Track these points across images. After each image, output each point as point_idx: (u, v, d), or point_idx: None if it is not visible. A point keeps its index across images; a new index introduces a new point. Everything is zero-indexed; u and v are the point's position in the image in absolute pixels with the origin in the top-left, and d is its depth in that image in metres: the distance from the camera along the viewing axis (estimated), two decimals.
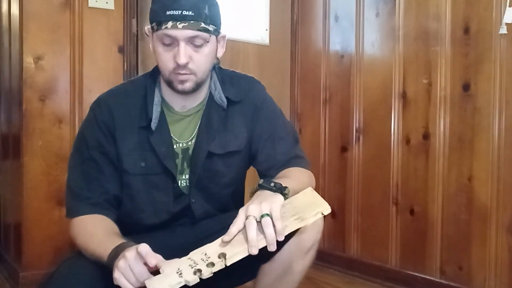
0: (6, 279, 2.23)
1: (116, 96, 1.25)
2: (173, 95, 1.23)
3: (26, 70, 2.05)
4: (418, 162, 2.22)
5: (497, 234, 1.93)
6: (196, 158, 1.23)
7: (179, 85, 1.16)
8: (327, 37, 2.69)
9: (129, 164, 1.20)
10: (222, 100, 1.26)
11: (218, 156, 1.24)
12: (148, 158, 1.20)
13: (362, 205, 2.49)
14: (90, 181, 1.18)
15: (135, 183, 1.21)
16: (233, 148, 1.26)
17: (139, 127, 1.20)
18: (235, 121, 1.28)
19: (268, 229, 0.92)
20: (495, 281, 1.94)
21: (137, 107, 1.22)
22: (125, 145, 1.20)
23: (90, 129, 1.22)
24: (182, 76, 1.14)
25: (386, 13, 2.36)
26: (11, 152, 2.30)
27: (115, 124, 1.20)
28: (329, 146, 2.67)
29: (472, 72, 2.01)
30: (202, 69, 1.17)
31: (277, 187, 1.03)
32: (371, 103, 2.45)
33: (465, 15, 2.03)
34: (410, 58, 2.25)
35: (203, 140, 1.23)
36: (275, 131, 1.30)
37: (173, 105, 1.24)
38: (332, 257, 2.54)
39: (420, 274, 2.19)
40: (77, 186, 1.19)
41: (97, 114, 1.21)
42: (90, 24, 2.18)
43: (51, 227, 2.10)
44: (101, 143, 1.19)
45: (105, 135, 1.20)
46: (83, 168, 1.20)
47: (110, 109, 1.21)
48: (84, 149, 1.21)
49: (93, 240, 1.08)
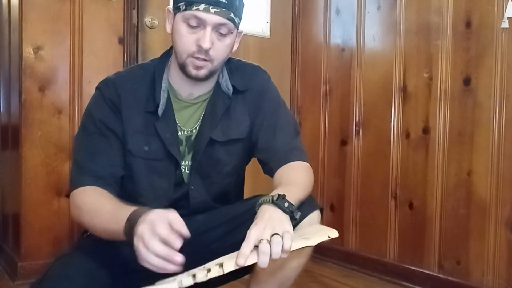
0: (5, 269, 2.24)
1: (124, 78, 1.24)
2: (182, 82, 1.23)
3: (25, 60, 2.04)
4: (417, 156, 2.22)
5: (496, 228, 1.94)
6: (198, 144, 1.22)
7: (193, 70, 1.15)
8: (328, 30, 2.68)
9: (133, 145, 1.18)
10: (228, 88, 1.26)
11: (220, 144, 1.23)
12: (152, 143, 1.19)
13: (361, 198, 2.49)
14: (96, 154, 1.16)
15: (137, 165, 1.20)
16: (235, 135, 1.25)
17: (145, 112, 1.19)
18: (238, 109, 1.27)
19: (276, 247, 0.90)
20: (493, 275, 1.94)
21: (144, 91, 1.21)
22: (131, 126, 1.19)
23: (97, 105, 1.20)
24: (199, 62, 1.14)
25: (388, 7, 2.35)
26: (10, 143, 2.30)
27: (122, 104, 1.19)
28: (328, 139, 2.67)
29: (473, 67, 2.00)
30: (220, 59, 1.17)
31: (290, 210, 1.01)
32: (371, 97, 2.44)
33: (467, 9, 2.02)
34: (411, 52, 2.25)
35: (206, 127, 1.23)
36: (277, 120, 1.29)
37: (180, 92, 1.24)
38: (330, 251, 2.54)
39: (418, 268, 2.19)
40: (82, 159, 1.17)
41: (104, 92, 1.20)
42: (90, 14, 2.17)
43: (50, 217, 2.11)
44: (108, 119, 1.18)
45: (113, 111, 1.18)
46: (90, 142, 1.18)
47: (117, 89, 1.20)
48: (91, 124, 1.19)
49: (101, 212, 1.05)
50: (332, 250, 2.55)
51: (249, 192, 1.36)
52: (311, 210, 1.13)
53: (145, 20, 2.29)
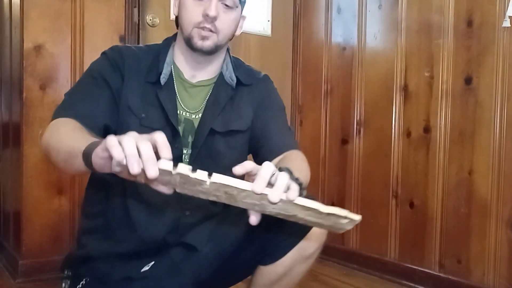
0: (6, 267, 2.24)
1: (130, 48, 1.24)
2: (186, 62, 1.23)
3: (26, 58, 2.04)
4: (418, 156, 2.21)
5: (497, 228, 1.93)
6: (199, 133, 1.21)
7: (199, 41, 1.16)
8: (329, 29, 2.68)
9: (132, 103, 1.16)
10: (232, 79, 1.26)
11: (220, 135, 1.22)
12: (150, 111, 1.17)
13: (361, 197, 2.49)
14: (86, 99, 1.14)
15: (133, 123, 1.15)
16: (235, 127, 1.25)
17: (147, 82, 1.19)
18: (242, 102, 1.28)
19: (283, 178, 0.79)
20: (494, 274, 1.94)
21: (147, 62, 1.21)
22: (131, 87, 1.17)
23: (98, 62, 1.21)
24: (205, 32, 1.15)
25: (389, 5, 2.35)
26: (11, 141, 2.30)
27: (125, 66, 1.18)
28: (329, 138, 2.67)
29: (475, 66, 2.00)
30: (225, 32, 1.18)
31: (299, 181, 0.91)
32: (372, 96, 2.44)
33: (469, 8, 2.02)
34: (412, 51, 2.24)
35: (207, 117, 1.22)
36: (277, 118, 1.31)
37: (184, 71, 1.24)
38: (331, 249, 2.54)
39: (419, 267, 2.19)
40: (71, 99, 1.15)
41: (108, 53, 1.21)
42: (92, 12, 2.17)
43: (50, 215, 2.11)
44: (106, 72, 1.17)
45: (114, 68, 1.18)
46: (82, 89, 1.17)
47: (121, 53, 1.20)
48: (88, 77, 1.18)
49: (72, 134, 0.99)
50: (332, 249, 2.55)
51: None
52: None
53: (146, 18, 2.29)
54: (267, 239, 1.12)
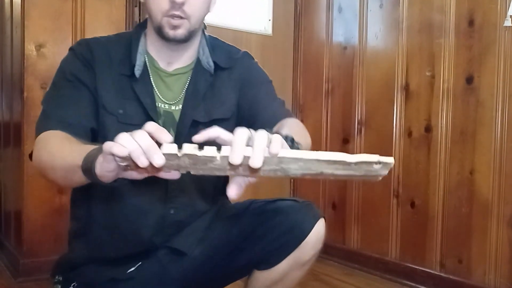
0: (7, 267, 2.24)
1: (98, 39, 1.17)
2: (160, 51, 1.16)
3: (27, 57, 2.04)
4: (419, 155, 2.21)
5: (498, 227, 1.93)
6: (181, 126, 1.14)
7: (170, 31, 1.08)
8: (330, 28, 2.68)
9: (107, 102, 1.09)
10: (209, 64, 1.19)
11: (203, 125, 1.12)
12: (128, 106, 1.11)
13: (362, 197, 2.48)
14: (66, 104, 1.07)
15: (111, 124, 1.10)
16: (219, 115, 1.17)
17: (121, 74, 1.12)
18: (223, 87, 1.20)
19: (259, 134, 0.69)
20: (495, 274, 1.94)
21: (118, 54, 1.14)
22: (104, 83, 1.10)
23: (69, 61, 1.14)
24: (175, 21, 1.07)
25: (390, 5, 2.35)
26: (12, 140, 2.30)
27: (95, 60, 1.12)
28: (330, 137, 2.67)
29: (476, 65, 2.00)
30: (197, 15, 1.10)
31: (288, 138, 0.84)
32: (373, 95, 2.44)
33: (470, 7, 2.02)
34: (414, 50, 2.24)
35: (188, 108, 1.15)
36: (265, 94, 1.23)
37: (158, 60, 1.17)
38: (332, 249, 2.54)
39: (420, 267, 2.19)
40: (51, 108, 1.08)
41: (75, 49, 1.14)
42: (92, 12, 2.17)
43: (51, 215, 2.11)
44: (80, 73, 1.11)
45: (85, 65, 1.11)
46: (60, 94, 1.10)
47: (90, 47, 1.13)
48: (61, 80, 1.12)
49: (63, 149, 0.94)
50: (333, 248, 2.55)
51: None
52: (315, 220, 1.07)
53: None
54: (262, 246, 1.09)
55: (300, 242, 1.06)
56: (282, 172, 0.74)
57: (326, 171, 0.73)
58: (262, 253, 1.09)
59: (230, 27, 2.64)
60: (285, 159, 0.70)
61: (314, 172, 0.73)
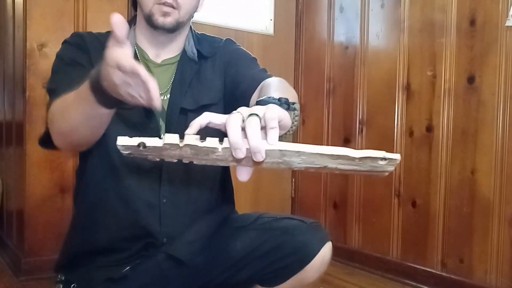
0: (9, 265, 2.24)
1: (90, 32, 1.21)
2: (149, 43, 1.20)
3: (29, 57, 2.05)
4: (421, 155, 2.21)
5: (499, 227, 1.93)
6: (171, 115, 1.16)
7: (160, 18, 1.12)
8: (331, 28, 2.68)
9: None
10: (193, 52, 1.23)
11: (192, 112, 1.16)
12: None
13: (364, 196, 2.48)
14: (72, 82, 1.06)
15: None
16: (206, 101, 1.19)
17: None
18: (208, 73, 1.23)
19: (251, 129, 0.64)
20: (496, 274, 1.94)
21: None
22: None
23: (65, 50, 1.16)
24: (166, 8, 1.11)
25: (392, 4, 2.35)
26: (14, 139, 2.30)
27: (88, 47, 1.15)
28: (332, 137, 2.67)
29: (477, 65, 2.00)
30: (186, 7, 1.15)
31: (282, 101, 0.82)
32: (375, 95, 2.44)
33: (471, 7, 2.02)
34: (415, 50, 2.24)
35: (176, 96, 1.18)
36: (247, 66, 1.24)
37: (147, 51, 1.21)
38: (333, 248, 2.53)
39: (421, 266, 2.19)
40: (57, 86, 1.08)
41: (69, 40, 1.18)
42: (94, 11, 2.17)
43: (53, 214, 2.11)
44: (77, 55, 1.13)
45: (81, 50, 1.14)
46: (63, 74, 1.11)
47: (82, 36, 1.17)
48: (60, 65, 1.14)
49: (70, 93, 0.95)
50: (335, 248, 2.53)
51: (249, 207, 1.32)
52: (322, 243, 1.09)
53: None
54: (266, 264, 1.09)
55: (304, 265, 1.07)
56: (285, 164, 0.73)
57: (331, 166, 0.73)
58: (265, 272, 1.10)
59: (231, 27, 2.64)
60: (287, 152, 0.70)
61: (318, 166, 0.73)
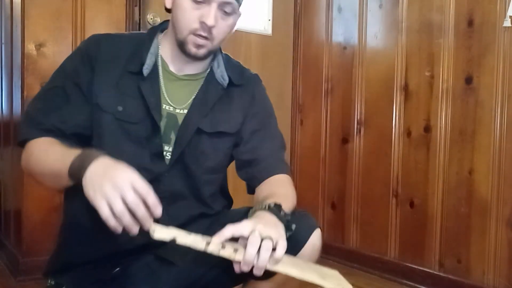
0: (6, 266, 2.24)
1: (109, 35, 1.19)
2: (174, 57, 1.18)
3: (27, 56, 2.05)
4: (418, 155, 2.22)
5: (497, 227, 1.94)
6: (184, 130, 1.15)
7: (193, 49, 1.11)
8: (330, 28, 2.68)
9: (104, 100, 1.10)
10: (223, 78, 1.21)
11: (207, 135, 1.16)
12: (128, 104, 1.11)
13: (362, 197, 2.49)
14: (50, 109, 1.09)
15: (106, 122, 1.10)
16: (223, 129, 1.19)
17: (126, 71, 1.12)
18: (233, 103, 1.22)
19: (265, 253, 0.85)
20: (493, 274, 1.94)
21: (127, 51, 1.14)
22: (104, 80, 1.11)
23: (72, 58, 1.16)
24: (201, 40, 1.09)
25: (390, 5, 2.35)
26: (12, 139, 2.30)
27: (99, 57, 1.12)
28: (330, 137, 2.67)
29: (475, 65, 2.00)
30: (221, 38, 1.14)
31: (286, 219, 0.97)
32: (373, 95, 2.44)
33: (469, 8, 2.02)
34: (413, 50, 2.24)
35: (194, 114, 1.16)
36: (267, 128, 1.25)
37: (169, 64, 1.18)
38: (331, 248, 2.55)
39: (419, 266, 2.20)
40: (35, 111, 1.11)
41: (83, 46, 1.16)
42: (93, 11, 2.17)
43: (51, 214, 2.11)
44: (77, 72, 1.11)
45: (85, 64, 1.12)
46: (48, 95, 1.12)
47: (98, 43, 1.15)
48: (58, 77, 1.14)
49: (49, 154, 1.00)
50: (333, 248, 2.56)
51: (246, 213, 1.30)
52: (310, 231, 1.07)
53: (147, 18, 2.29)
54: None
55: (295, 254, 1.04)
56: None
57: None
58: None
59: None
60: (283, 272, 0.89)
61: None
